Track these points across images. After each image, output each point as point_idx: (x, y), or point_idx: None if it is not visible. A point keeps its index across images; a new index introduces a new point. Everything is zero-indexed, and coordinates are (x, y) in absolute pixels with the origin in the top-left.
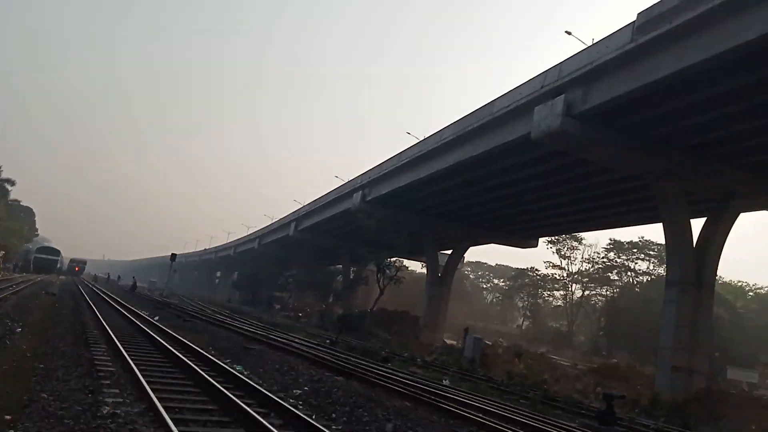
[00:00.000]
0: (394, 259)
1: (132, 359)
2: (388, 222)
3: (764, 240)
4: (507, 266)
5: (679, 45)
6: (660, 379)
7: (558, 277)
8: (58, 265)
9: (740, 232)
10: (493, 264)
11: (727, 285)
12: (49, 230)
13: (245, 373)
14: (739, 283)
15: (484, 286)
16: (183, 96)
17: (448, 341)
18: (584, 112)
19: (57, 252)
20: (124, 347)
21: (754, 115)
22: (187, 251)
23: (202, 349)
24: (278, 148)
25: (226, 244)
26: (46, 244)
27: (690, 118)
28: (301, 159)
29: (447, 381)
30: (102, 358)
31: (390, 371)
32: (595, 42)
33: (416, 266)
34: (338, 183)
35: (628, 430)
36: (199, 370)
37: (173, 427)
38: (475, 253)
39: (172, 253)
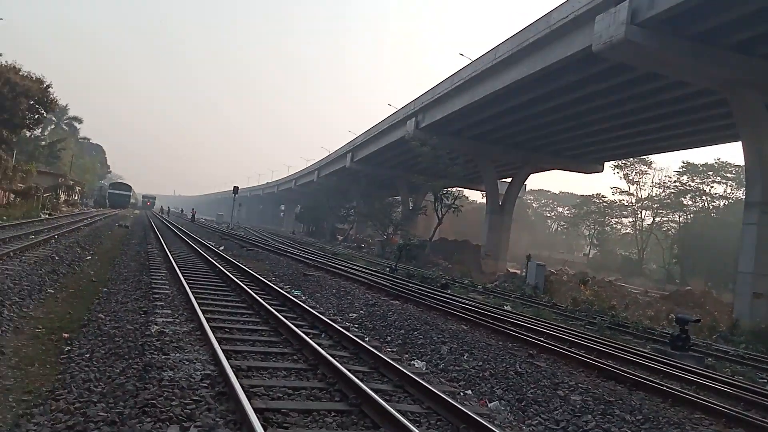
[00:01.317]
0: (453, 188)
1: (188, 283)
2: (443, 149)
3: None
4: (571, 194)
5: None
6: (739, 306)
7: (626, 204)
8: (132, 200)
9: None
10: (557, 192)
11: None
12: (120, 167)
13: (302, 297)
14: None
15: (548, 214)
16: (242, 37)
17: (512, 270)
18: (651, 19)
19: (129, 188)
20: (182, 273)
21: None
22: (250, 185)
23: (261, 275)
24: (333, 79)
25: (287, 177)
26: (119, 180)
27: None
28: (354, 90)
29: (508, 306)
30: (161, 282)
31: (448, 297)
32: None
33: (477, 196)
34: (392, 111)
35: (704, 356)
36: (253, 293)
37: (216, 344)
38: (537, 181)
39: (235, 186)
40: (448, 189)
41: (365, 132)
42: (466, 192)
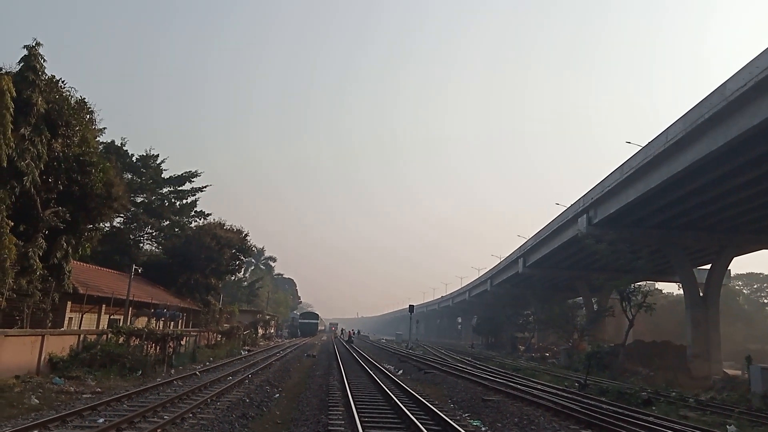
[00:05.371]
0: (640, 283)
1: (362, 424)
2: (622, 243)
3: None
4: None
5: None
6: None
7: None
8: (320, 327)
9: None
10: None
11: None
12: (309, 296)
13: (483, 429)
14: None
15: (766, 300)
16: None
17: (730, 371)
18: None
19: (316, 316)
20: (358, 409)
21: None
22: (426, 300)
23: (438, 404)
24: (493, 185)
25: (461, 289)
26: (308, 309)
27: None
28: (525, 189)
29: (732, 428)
30: (337, 422)
31: (653, 418)
32: None
33: (673, 287)
34: (560, 210)
35: None
36: None
37: None
38: (743, 263)
39: (410, 305)
40: (636, 285)
41: (534, 235)
42: (660, 284)
